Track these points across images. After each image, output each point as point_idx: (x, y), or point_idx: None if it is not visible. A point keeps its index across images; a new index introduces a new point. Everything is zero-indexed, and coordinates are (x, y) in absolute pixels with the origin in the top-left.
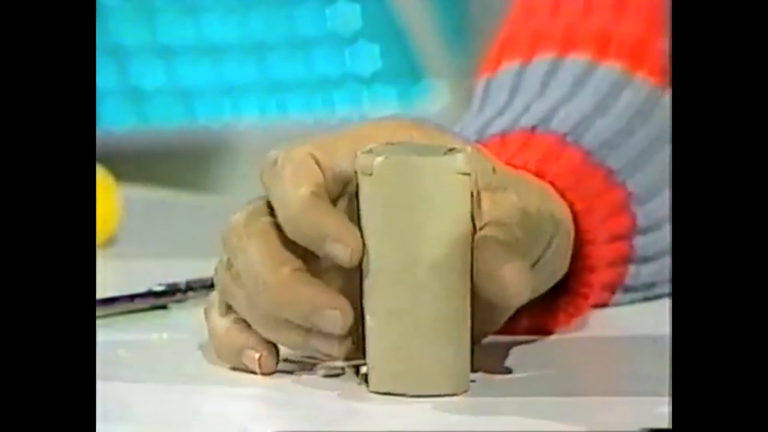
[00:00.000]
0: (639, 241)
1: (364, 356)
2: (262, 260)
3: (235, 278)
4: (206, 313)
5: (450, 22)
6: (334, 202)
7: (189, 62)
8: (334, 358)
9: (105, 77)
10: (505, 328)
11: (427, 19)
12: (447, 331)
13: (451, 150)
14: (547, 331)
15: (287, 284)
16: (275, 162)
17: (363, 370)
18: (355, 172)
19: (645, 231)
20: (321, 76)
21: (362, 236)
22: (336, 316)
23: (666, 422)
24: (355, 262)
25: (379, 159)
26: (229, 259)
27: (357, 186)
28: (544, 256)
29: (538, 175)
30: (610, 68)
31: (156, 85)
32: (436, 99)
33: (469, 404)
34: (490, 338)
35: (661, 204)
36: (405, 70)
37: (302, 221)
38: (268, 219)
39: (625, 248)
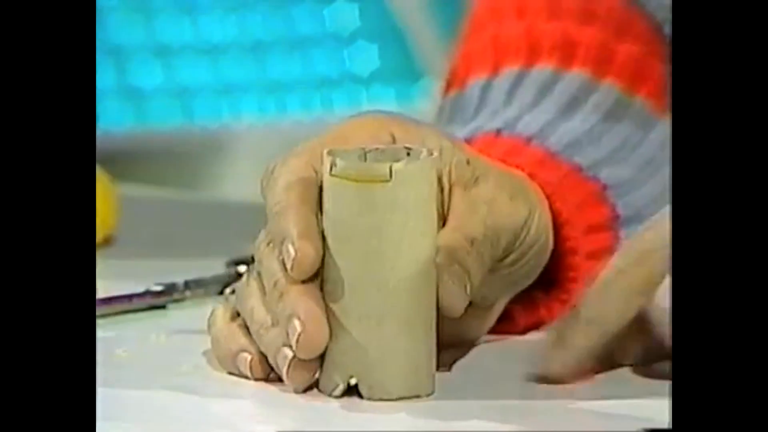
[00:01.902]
0: (625, 233)
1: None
2: (280, 264)
3: (259, 289)
4: (211, 318)
5: (448, 22)
6: None
7: (187, 62)
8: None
9: (103, 77)
10: (502, 328)
11: (426, 19)
12: (414, 333)
13: (413, 152)
14: (545, 324)
15: (290, 287)
16: (272, 171)
17: (352, 382)
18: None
19: (630, 221)
20: (319, 76)
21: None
22: (295, 327)
23: (666, 422)
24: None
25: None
26: (258, 272)
27: (321, 188)
28: (522, 244)
29: None
30: (576, 75)
31: (154, 85)
32: (434, 98)
33: (473, 405)
34: (492, 340)
35: (646, 194)
36: (403, 70)
37: (274, 222)
38: None
39: (609, 238)
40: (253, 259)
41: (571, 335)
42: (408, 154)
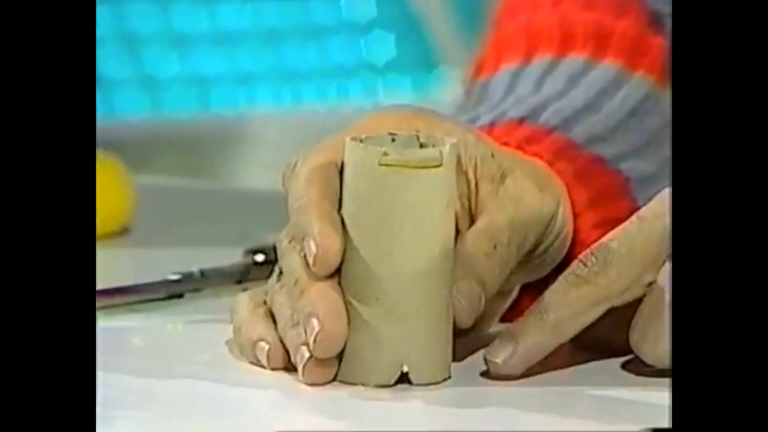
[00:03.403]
0: None
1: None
2: (302, 261)
3: (282, 286)
4: (235, 306)
5: (465, 11)
6: None
7: (203, 51)
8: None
9: (119, 66)
10: (510, 316)
11: (442, 8)
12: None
13: (425, 143)
14: None
15: (311, 284)
16: (294, 166)
17: (404, 369)
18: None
19: None
20: (335, 65)
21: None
22: (313, 326)
23: (666, 422)
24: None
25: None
26: (280, 269)
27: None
28: (549, 235)
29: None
30: (608, 66)
31: (170, 74)
32: (450, 88)
33: (489, 392)
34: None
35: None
36: (420, 59)
37: (296, 218)
38: None
39: None
40: (273, 250)
41: (522, 332)
42: (419, 140)
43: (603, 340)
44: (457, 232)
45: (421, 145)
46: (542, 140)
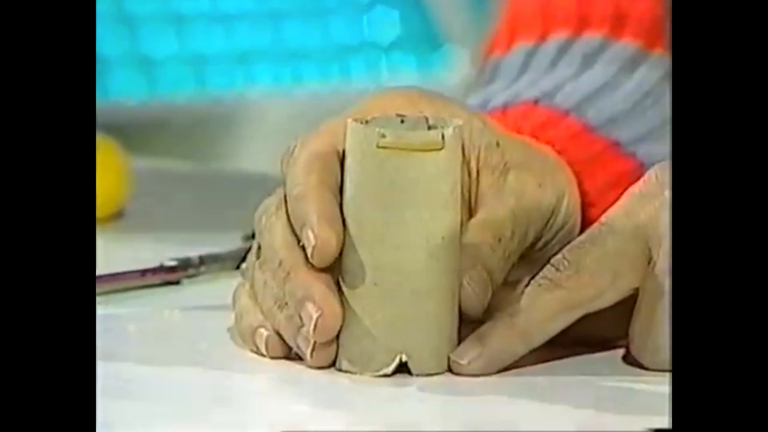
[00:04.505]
0: None
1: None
2: (284, 239)
3: (261, 264)
4: (236, 292)
5: None
6: None
7: (201, 29)
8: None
9: (114, 45)
10: None
11: None
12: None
13: (434, 125)
14: None
15: (298, 266)
16: (293, 151)
17: (403, 359)
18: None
19: None
20: (337, 44)
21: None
22: (310, 312)
23: (666, 422)
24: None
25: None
26: (259, 246)
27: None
28: (550, 229)
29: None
30: (625, 46)
31: (167, 53)
32: (456, 67)
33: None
34: None
35: None
36: (425, 37)
37: (294, 205)
38: None
39: None
40: None
41: (489, 335)
42: (428, 122)
43: (585, 336)
44: None
45: (430, 127)
46: (557, 125)
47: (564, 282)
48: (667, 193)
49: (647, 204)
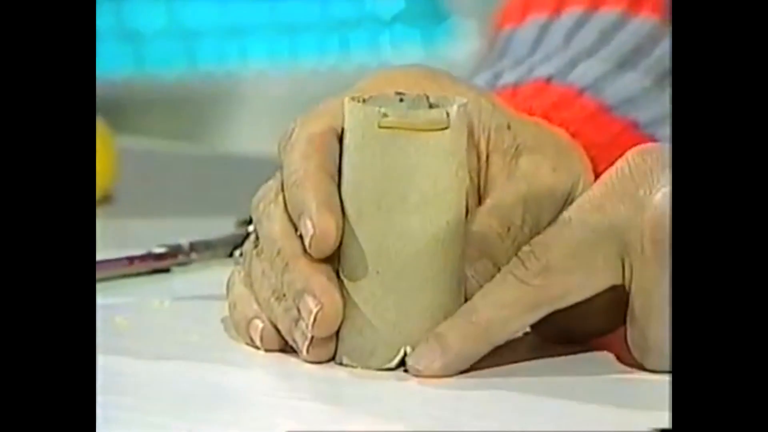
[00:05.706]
0: None
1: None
2: (283, 228)
3: (259, 253)
4: (230, 280)
5: None
6: None
7: (191, 1)
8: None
9: (100, 19)
10: None
11: None
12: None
13: (435, 103)
14: None
15: (297, 256)
16: (291, 134)
17: (408, 351)
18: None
19: None
20: (337, 17)
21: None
22: (309, 306)
23: (666, 422)
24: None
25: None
26: (256, 233)
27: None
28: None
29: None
30: (644, 21)
31: (155, 28)
32: (461, 41)
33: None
34: None
35: None
36: (428, 10)
37: (291, 193)
38: None
39: None
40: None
41: (448, 336)
42: (429, 100)
43: (565, 330)
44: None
45: (431, 106)
46: (571, 105)
47: (531, 280)
48: (642, 192)
49: (621, 201)
